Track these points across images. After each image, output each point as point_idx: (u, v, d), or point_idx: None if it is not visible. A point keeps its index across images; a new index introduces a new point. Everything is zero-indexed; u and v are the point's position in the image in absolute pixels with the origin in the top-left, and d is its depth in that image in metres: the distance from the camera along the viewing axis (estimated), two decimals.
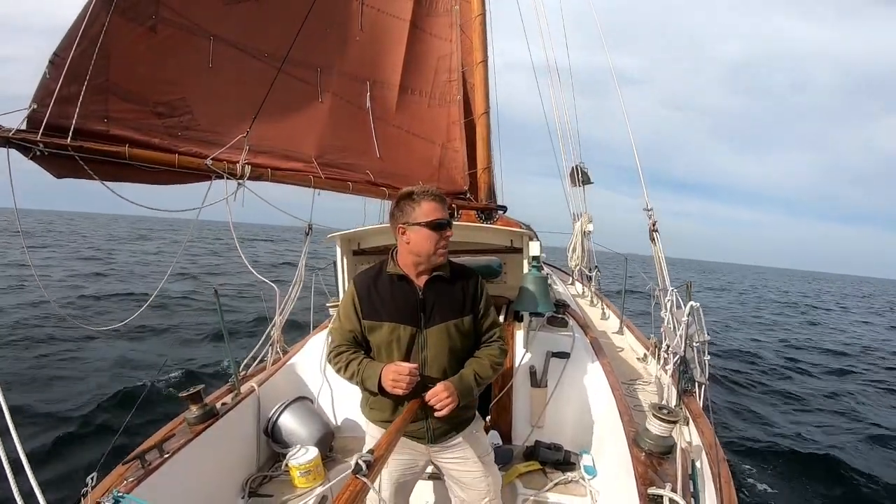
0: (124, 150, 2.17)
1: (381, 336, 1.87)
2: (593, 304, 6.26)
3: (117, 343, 8.35)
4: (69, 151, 2.01)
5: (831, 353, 13.10)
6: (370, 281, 1.93)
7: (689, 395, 2.90)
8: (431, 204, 1.82)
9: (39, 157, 1.95)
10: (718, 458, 2.25)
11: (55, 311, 9.36)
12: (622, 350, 4.44)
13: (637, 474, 2.04)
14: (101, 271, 17.72)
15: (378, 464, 1.53)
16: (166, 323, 9.95)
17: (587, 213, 6.85)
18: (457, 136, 4.04)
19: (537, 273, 3.27)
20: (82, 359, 7.50)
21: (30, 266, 15.63)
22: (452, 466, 2.08)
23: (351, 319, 1.92)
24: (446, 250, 1.87)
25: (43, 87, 1.98)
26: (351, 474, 1.45)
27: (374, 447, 1.60)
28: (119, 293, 12.97)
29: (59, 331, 8.57)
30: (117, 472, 2.08)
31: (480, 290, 1.99)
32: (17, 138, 1.88)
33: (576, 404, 3.09)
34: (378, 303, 1.89)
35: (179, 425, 2.54)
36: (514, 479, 2.77)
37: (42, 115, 1.95)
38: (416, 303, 1.87)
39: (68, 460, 4.57)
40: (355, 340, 1.94)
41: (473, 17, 4.37)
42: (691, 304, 2.78)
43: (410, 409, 1.82)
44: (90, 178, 2.11)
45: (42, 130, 1.94)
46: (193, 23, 2.53)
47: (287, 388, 3.25)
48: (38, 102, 1.96)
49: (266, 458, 3.03)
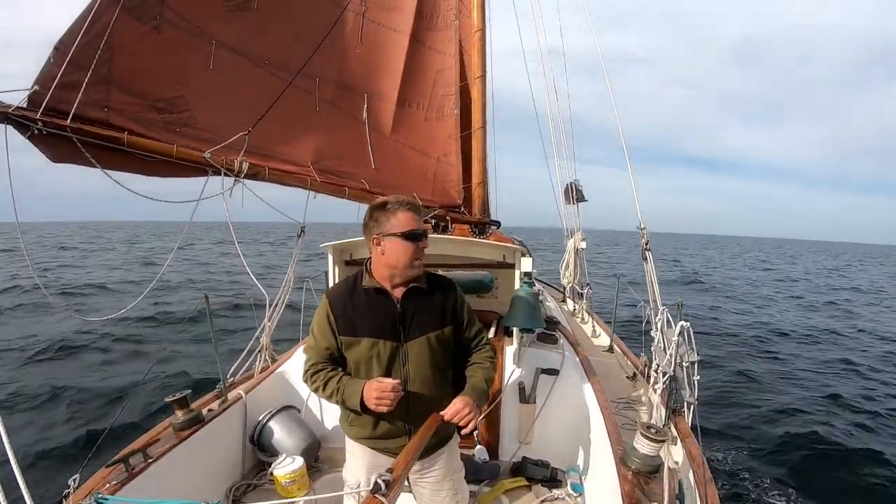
0: (123, 137, 2.18)
1: (360, 352, 1.82)
2: (584, 321, 6.26)
3: (105, 344, 8.28)
4: (67, 133, 2.01)
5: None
6: (345, 295, 1.87)
7: (677, 414, 2.90)
8: (407, 214, 1.77)
9: (37, 136, 1.95)
10: (706, 478, 2.25)
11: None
12: (612, 368, 4.44)
13: (624, 493, 2.04)
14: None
15: (397, 483, 1.49)
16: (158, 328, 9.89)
17: (580, 231, 6.89)
18: (452, 150, 4.07)
19: (529, 289, 3.27)
20: (71, 360, 7.44)
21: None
22: (425, 488, 2.05)
23: (326, 336, 1.87)
24: (422, 261, 1.83)
25: (46, 71, 1.99)
26: (370, 494, 1.42)
27: (391, 466, 1.54)
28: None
29: (52, 327, 8.50)
30: (100, 474, 2.05)
31: (460, 300, 1.95)
32: (16, 114, 1.87)
33: (564, 421, 3.08)
34: (355, 318, 1.83)
35: (165, 430, 2.52)
36: (500, 495, 2.75)
37: (43, 97, 1.95)
38: (395, 316, 1.83)
39: (50, 461, 4.51)
40: (332, 358, 1.89)
41: (473, 32, 4.42)
42: (681, 324, 2.79)
43: (429, 427, 1.76)
44: (87, 164, 2.11)
45: (42, 110, 1.94)
46: (196, 26, 2.56)
47: (274, 397, 3.22)
48: (39, 85, 1.96)
49: (251, 466, 3.00)
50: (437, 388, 1.88)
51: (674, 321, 2.91)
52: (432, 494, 2.04)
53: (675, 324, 2.86)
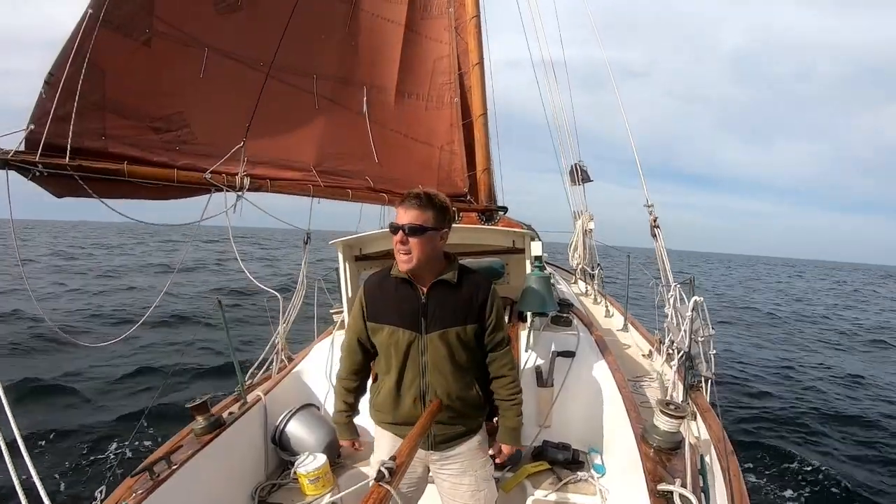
0: (123, 168, 2.19)
1: (382, 339, 1.89)
2: (597, 302, 6.24)
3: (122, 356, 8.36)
4: (68, 171, 2.02)
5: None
6: (377, 283, 1.95)
7: (695, 389, 2.89)
8: (399, 207, 1.80)
9: (39, 177, 1.97)
10: (727, 452, 2.25)
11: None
12: (627, 347, 4.43)
13: (646, 471, 2.04)
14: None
15: (401, 470, 1.51)
16: (173, 336, 9.96)
17: (588, 212, 6.85)
18: (455, 139, 4.04)
19: (540, 273, 3.26)
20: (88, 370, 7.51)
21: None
22: (445, 480, 2.05)
23: (357, 320, 1.97)
24: (405, 256, 1.78)
25: (39, 106, 1.99)
26: (374, 481, 1.43)
27: (395, 453, 1.57)
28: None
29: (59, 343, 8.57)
30: (126, 484, 2.08)
31: (490, 300, 1.91)
32: (15, 160, 1.89)
33: (582, 403, 3.08)
34: (381, 305, 1.90)
35: (187, 436, 2.54)
36: (523, 480, 2.76)
37: (39, 136, 1.97)
38: (418, 307, 1.85)
39: (76, 474, 4.57)
40: (360, 345, 1.98)
41: (468, 19, 4.36)
42: (695, 299, 2.78)
43: (431, 413, 1.80)
44: (90, 197, 2.12)
45: (40, 151, 1.95)
46: (188, 34, 2.54)
47: (293, 396, 3.24)
48: (35, 122, 1.97)
49: (274, 467, 3.03)
50: (456, 383, 1.88)
51: (686, 297, 2.90)
52: (451, 488, 2.04)
53: (688, 299, 2.85)
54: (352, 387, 2.06)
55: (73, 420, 5.75)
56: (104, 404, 6.34)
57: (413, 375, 1.88)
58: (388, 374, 1.93)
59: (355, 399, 2.09)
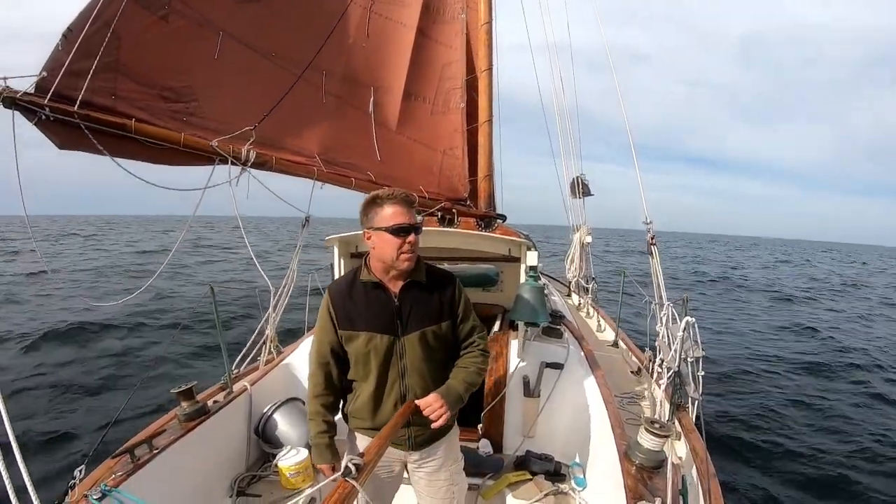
0: (130, 124, 2.18)
1: (358, 346, 1.83)
2: (589, 315, 6.26)
3: (110, 336, 8.33)
4: (75, 119, 2.02)
5: None
6: (345, 289, 1.88)
7: (682, 409, 2.90)
8: (395, 207, 1.75)
9: (44, 122, 1.96)
10: (709, 474, 2.25)
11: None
12: (617, 363, 4.44)
13: (627, 487, 2.04)
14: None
15: (368, 467, 1.53)
16: (163, 319, 9.93)
17: (586, 225, 6.86)
18: (458, 144, 4.05)
19: (534, 283, 3.27)
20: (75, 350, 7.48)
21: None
22: (422, 477, 2.05)
23: (327, 331, 1.89)
24: (411, 255, 1.78)
25: (54, 58, 1.99)
26: (340, 477, 1.45)
27: (363, 451, 1.58)
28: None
29: (54, 314, 8.54)
30: (106, 465, 2.07)
31: (459, 295, 1.93)
32: (23, 100, 1.88)
33: (568, 415, 3.08)
34: (353, 312, 1.84)
35: (170, 421, 2.53)
36: (503, 489, 2.76)
37: (50, 84, 1.95)
38: (393, 310, 1.83)
39: (55, 453, 4.55)
40: (333, 355, 1.90)
41: (480, 25, 4.39)
42: (687, 320, 2.78)
43: (402, 414, 1.79)
44: (94, 151, 2.11)
45: (49, 97, 1.94)
46: (204, 17, 2.56)
47: (280, 389, 3.24)
48: (47, 71, 1.97)
49: (255, 458, 3.02)
50: (435, 382, 1.87)
51: (679, 317, 2.91)
52: (428, 485, 2.05)
53: (680, 319, 2.85)
54: (329, 402, 1.96)
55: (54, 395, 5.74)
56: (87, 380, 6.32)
57: (393, 379, 1.86)
58: (365, 381, 1.89)
59: (333, 416, 2.00)
